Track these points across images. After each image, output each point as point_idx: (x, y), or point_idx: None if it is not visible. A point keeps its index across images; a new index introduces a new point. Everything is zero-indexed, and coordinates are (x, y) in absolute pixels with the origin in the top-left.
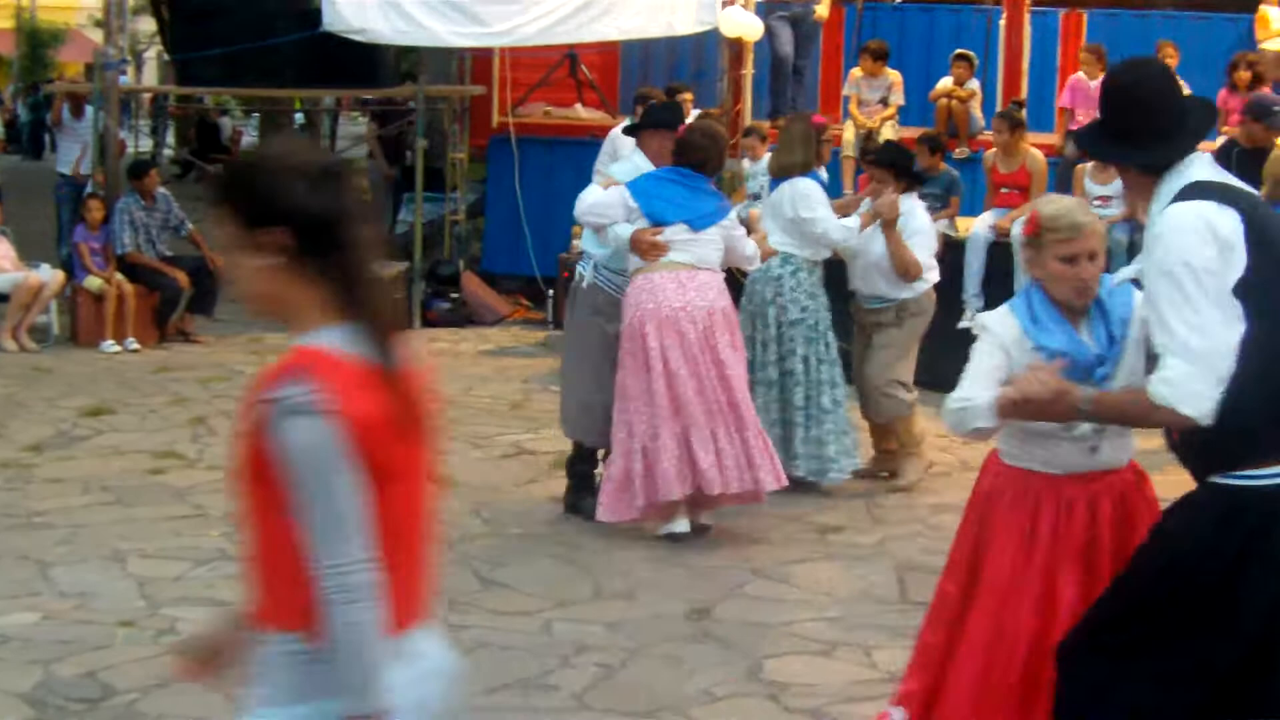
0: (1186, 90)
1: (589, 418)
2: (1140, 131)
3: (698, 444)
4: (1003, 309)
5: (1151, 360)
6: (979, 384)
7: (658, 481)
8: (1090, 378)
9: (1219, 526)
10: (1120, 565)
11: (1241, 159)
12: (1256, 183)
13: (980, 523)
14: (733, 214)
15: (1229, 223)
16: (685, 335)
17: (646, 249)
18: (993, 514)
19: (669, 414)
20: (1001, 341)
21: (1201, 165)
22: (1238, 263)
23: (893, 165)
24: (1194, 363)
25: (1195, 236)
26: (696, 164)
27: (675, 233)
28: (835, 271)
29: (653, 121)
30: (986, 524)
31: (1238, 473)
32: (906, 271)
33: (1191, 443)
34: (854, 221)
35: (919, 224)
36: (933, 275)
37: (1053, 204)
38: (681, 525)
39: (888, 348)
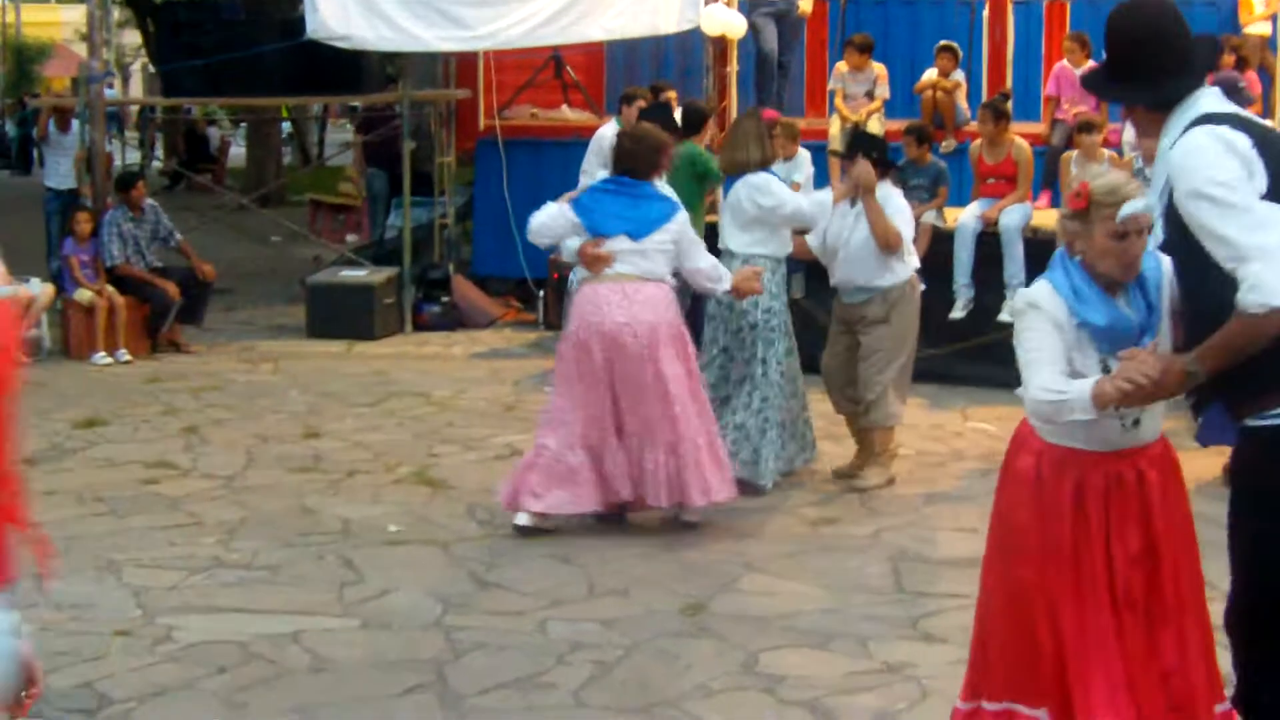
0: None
1: None
2: (1146, 69)
3: (611, 458)
4: (1044, 284)
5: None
6: (1055, 369)
7: (571, 489)
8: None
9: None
10: (1173, 530)
11: None
12: None
13: (1037, 503)
14: (684, 217)
15: (1245, 141)
16: (626, 348)
17: (590, 262)
18: (1046, 492)
19: (607, 426)
20: (1054, 317)
21: (1209, 98)
22: (1259, 177)
23: (864, 152)
24: (1270, 258)
25: (1216, 154)
26: (628, 170)
27: (618, 244)
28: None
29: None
30: (1044, 503)
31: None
32: (888, 242)
33: (1232, 377)
34: (825, 195)
35: (896, 206)
36: (913, 261)
37: (1104, 178)
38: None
39: (879, 351)
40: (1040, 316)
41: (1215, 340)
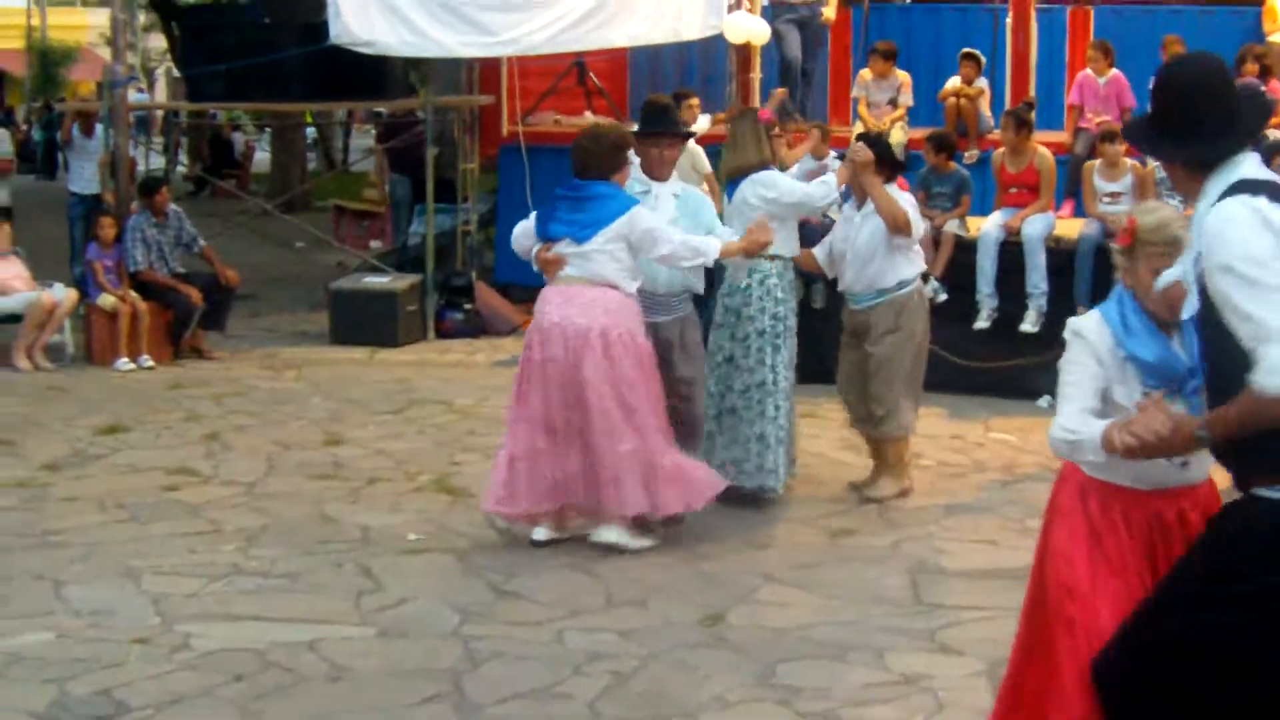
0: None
1: None
2: (1189, 127)
3: (548, 460)
4: (1095, 315)
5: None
6: (1081, 407)
7: (527, 490)
8: (1182, 390)
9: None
10: None
11: None
12: None
13: (1090, 538)
14: (633, 213)
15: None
16: (555, 350)
17: (544, 267)
18: (1096, 530)
19: (547, 428)
20: (1096, 350)
21: (1250, 164)
22: None
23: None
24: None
25: (1249, 229)
26: (581, 171)
27: (564, 247)
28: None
29: (639, 131)
30: (1095, 541)
31: None
32: (896, 223)
33: (1242, 447)
34: (830, 177)
35: (905, 201)
36: (919, 261)
37: (1151, 214)
38: (539, 533)
39: (888, 362)
40: (1083, 348)
41: (1229, 413)
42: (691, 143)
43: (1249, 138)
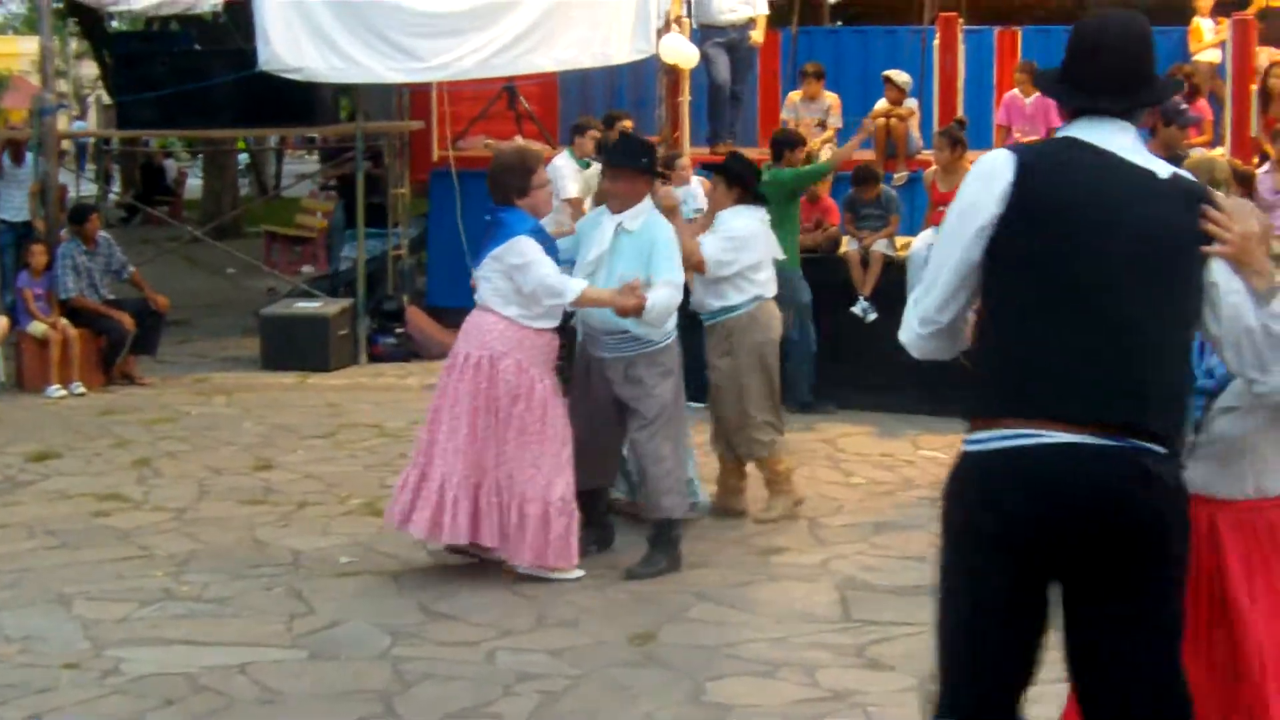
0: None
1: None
2: (1077, 75)
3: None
4: None
5: None
6: None
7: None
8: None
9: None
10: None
11: None
12: None
13: None
14: (511, 242)
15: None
16: (450, 375)
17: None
18: None
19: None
20: None
21: (1081, 126)
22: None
23: (722, 172)
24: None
25: (970, 176)
26: (491, 195)
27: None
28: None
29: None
30: None
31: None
32: (690, 265)
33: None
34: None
35: (738, 229)
36: (755, 288)
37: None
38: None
39: (723, 386)
40: None
41: None
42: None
43: (1117, 101)
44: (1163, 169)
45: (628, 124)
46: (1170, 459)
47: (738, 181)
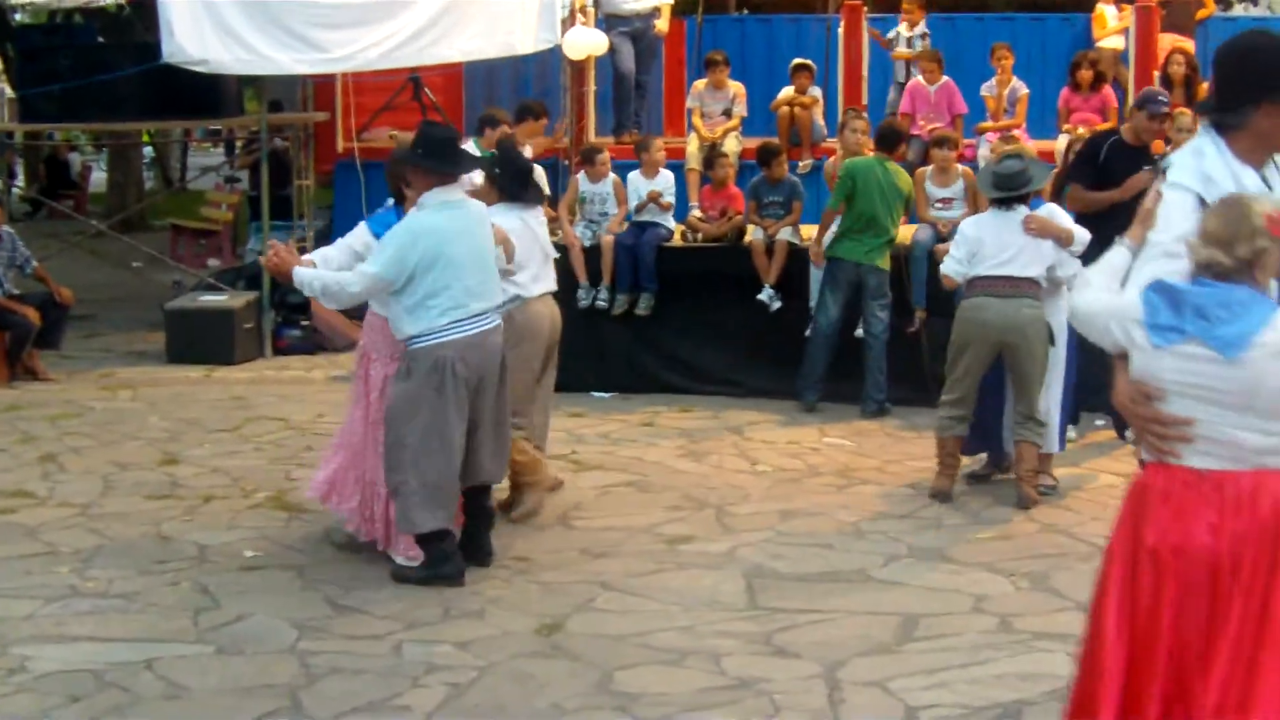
0: None
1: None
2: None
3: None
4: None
5: None
6: None
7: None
8: None
9: None
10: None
11: (1124, 153)
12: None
13: None
14: (356, 232)
15: None
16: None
17: None
18: None
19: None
20: None
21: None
22: None
23: (489, 172)
24: None
25: None
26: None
27: None
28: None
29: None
30: None
31: None
32: None
33: None
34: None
35: (508, 227)
36: (529, 289)
37: None
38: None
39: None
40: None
41: None
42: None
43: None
44: None
45: (506, 129)
46: None
47: (495, 180)
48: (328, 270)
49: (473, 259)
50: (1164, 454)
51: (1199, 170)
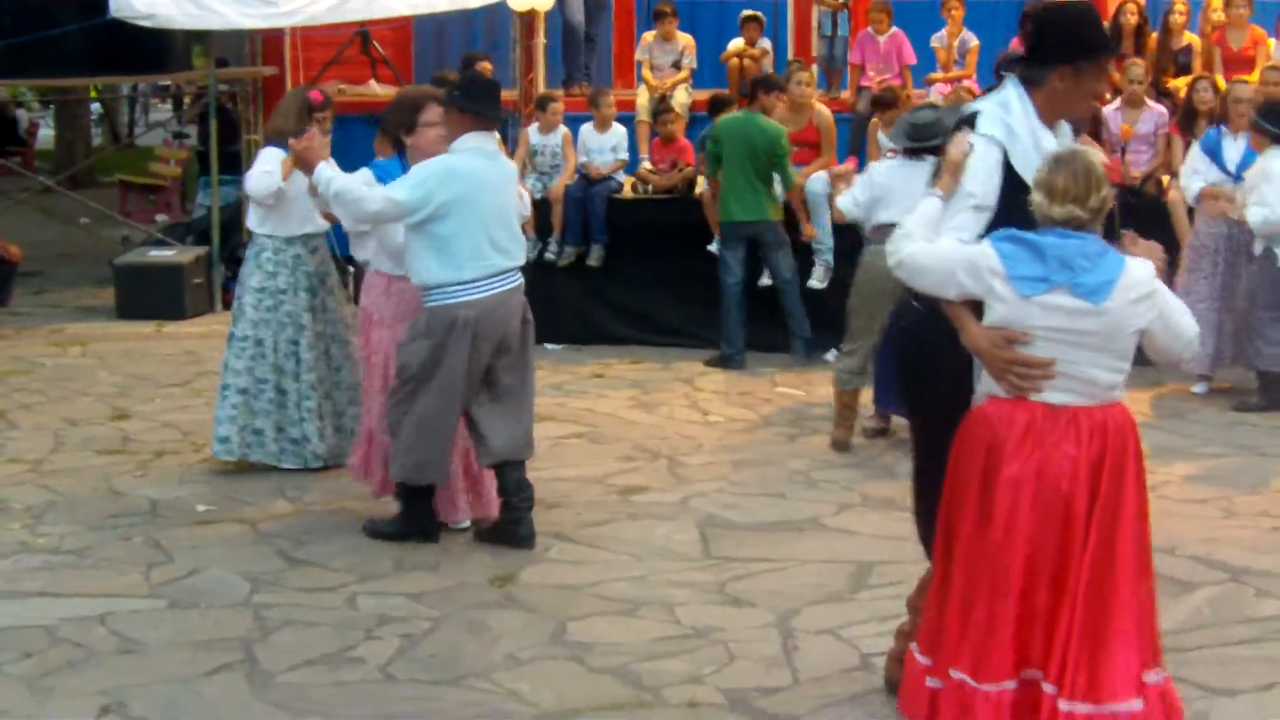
0: None
1: None
2: None
3: None
4: None
5: None
6: None
7: None
8: None
9: None
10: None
11: None
12: None
13: None
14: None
15: None
16: None
17: None
18: None
19: None
20: None
21: None
22: None
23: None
24: None
25: None
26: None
27: None
28: None
29: None
30: None
31: None
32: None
33: None
34: (272, 165)
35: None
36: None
37: None
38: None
39: None
40: None
41: None
42: None
43: None
44: None
45: (486, 65)
46: None
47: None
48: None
49: (498, 213)
50: (1025, 391)
51: (1004, 122)
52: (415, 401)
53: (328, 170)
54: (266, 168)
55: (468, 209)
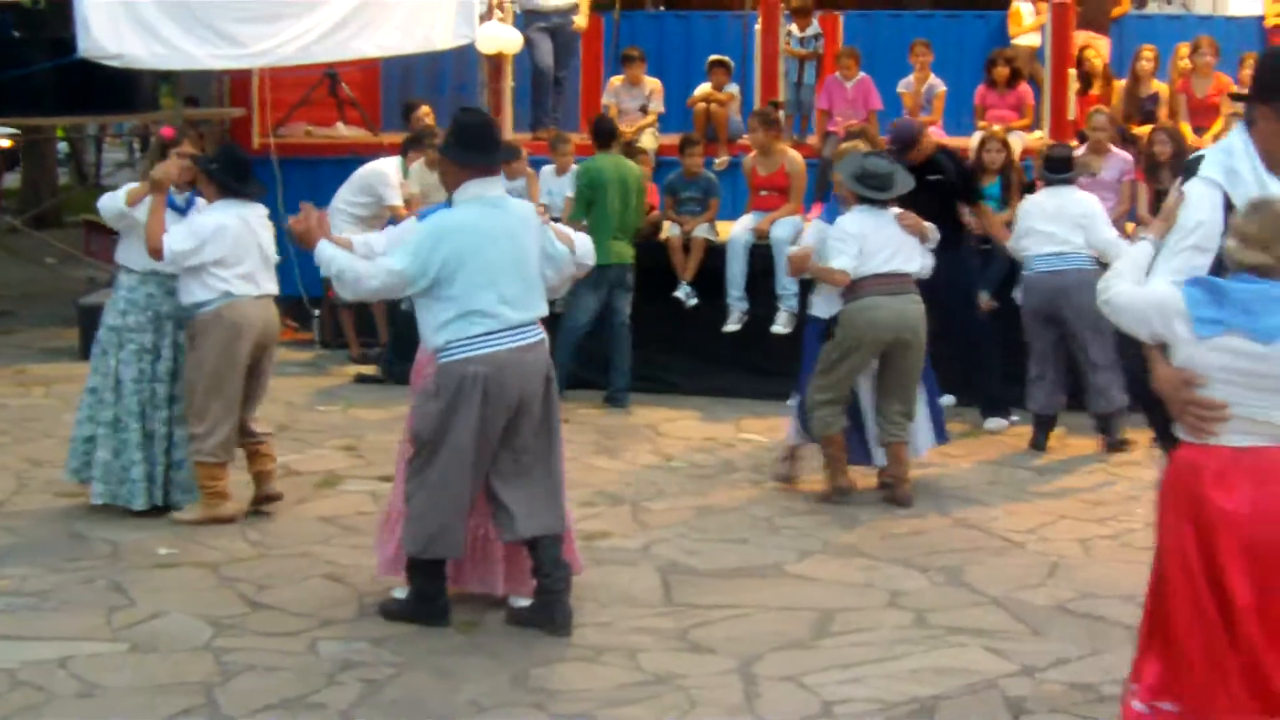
0: None
1: None
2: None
3: None
4: None
5: None
6: None
7: None
8: None
9: None
10: None
11: None
12: None
13: None
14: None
15: None
16: None
17: None
18: None
19: None
20: None
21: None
22: None
23: (205, 167)
24: None
25: None
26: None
27: None
28: None
29: None
30: None
31: None
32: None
33: None
34: (120, 192)
35: (203, 222)
36: (247, 287)
37: None
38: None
39: (186, 379)
40: None
41: None
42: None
43: None
44: None
45: (426, 109)
46: None
47: (211, 175)
48: (359, 257)
49: (510, 264)
50: (1203, 434)
51: (1225, 165)
52: (429, 469)
53: (329, 249)
54: (119, 192)
55: (473, 264)
